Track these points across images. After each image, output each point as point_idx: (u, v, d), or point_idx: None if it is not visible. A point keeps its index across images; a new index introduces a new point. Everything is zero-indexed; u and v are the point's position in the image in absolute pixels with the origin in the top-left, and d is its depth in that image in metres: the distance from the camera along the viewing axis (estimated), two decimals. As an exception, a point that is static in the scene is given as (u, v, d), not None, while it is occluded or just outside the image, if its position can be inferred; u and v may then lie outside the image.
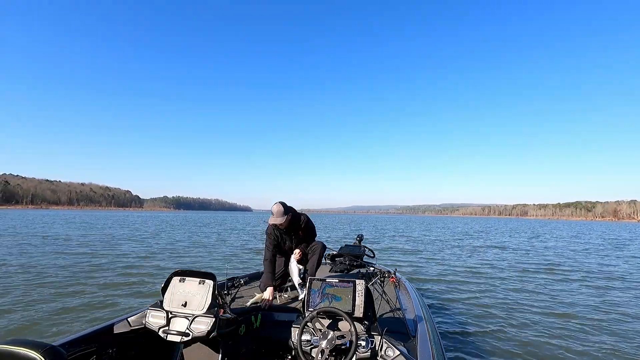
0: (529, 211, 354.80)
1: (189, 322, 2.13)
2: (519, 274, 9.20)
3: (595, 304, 6.14)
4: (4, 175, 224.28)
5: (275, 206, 3.36)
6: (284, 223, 3.38)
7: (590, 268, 10.60)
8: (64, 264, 8.77)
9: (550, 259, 12.45)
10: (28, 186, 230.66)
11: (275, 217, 3.34)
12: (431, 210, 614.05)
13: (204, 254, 11.72)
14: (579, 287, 7.60)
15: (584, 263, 11.76)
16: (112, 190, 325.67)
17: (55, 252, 11.13)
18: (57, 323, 4.48)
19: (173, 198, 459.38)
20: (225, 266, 3.50)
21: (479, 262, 11.22)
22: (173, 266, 8.82)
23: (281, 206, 3.34)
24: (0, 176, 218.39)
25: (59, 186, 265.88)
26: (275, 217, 3.34)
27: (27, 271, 7.71)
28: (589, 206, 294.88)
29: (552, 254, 14.14)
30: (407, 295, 3.46)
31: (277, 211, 3.33)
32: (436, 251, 14.22)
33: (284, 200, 3.43)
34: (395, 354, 1.94)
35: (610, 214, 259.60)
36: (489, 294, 6.73)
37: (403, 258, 11.93)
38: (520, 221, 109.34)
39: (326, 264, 4.87)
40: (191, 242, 15.93)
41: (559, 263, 11.48)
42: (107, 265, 8.87)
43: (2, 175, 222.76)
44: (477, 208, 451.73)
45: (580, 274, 9.46)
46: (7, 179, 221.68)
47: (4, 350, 1.29)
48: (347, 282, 2.29)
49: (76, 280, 6.94)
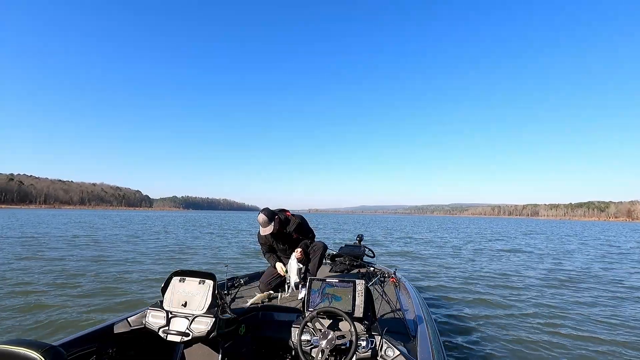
0: (540, 211, 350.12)
1: (189, 322, 2.13)
2: (528, 277, 9.03)
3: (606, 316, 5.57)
4: (18, 176, 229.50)
5: (260, 216, 3.38)
6: (274, 229, 3.42)
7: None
8: (68, 263, 8.90)
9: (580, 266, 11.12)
10: (41, 186, 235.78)
11: (262, 227, 3.41)
12: (440, 210, 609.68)
13: (204, 254, 11.73)
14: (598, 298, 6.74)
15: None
16: (123, 190, 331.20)
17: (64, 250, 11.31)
18: (57, 323, 4.48)
19: (182, 198, 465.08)
20: (226, 266, 3.47)
21: (486, 265, 11.06)
22: (173, 267, 8.85)
23: (264, 215, 3.36)
24: (15, 176, 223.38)
25: (71, 186, 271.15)
26: (263, 228, 3.41)
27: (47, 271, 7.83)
28: (602, 206, 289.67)
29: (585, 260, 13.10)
30: (407, 295, 3.45)
31: (263, 221, 3.37)
32: (449, 256, 13.86)
33: (279, 206, 3.54)
34: (395, 354, 1.92)
35: (624, 215, 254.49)
36: (490, 295, 6.64)
37: (416, 265, 11.77)
38: (533, 222, 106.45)
39: (326, 264, 4.88)
40: (192, 242, 15.95)
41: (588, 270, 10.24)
42: (107, 264, 8.93)
43: (17, 176, 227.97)
44: (487, 208, 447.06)
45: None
46: (21, 179, 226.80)
47: (4, 350, 1.29)
48: (347, 282, 2.28)
49: (76, 280, 6.98)
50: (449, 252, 14.38)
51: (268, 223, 3.36)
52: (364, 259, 4.96)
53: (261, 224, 3.38)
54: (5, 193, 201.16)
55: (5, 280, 6.75)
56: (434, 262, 11.15)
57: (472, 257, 12.75)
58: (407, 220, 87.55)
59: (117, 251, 11.70)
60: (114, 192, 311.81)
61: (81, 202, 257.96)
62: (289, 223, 3.59)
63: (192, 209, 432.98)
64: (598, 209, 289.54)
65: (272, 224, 3.38)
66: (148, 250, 12.36)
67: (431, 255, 13.12)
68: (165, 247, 13.55)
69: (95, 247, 12.57)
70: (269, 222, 3.36)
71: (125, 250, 12.10)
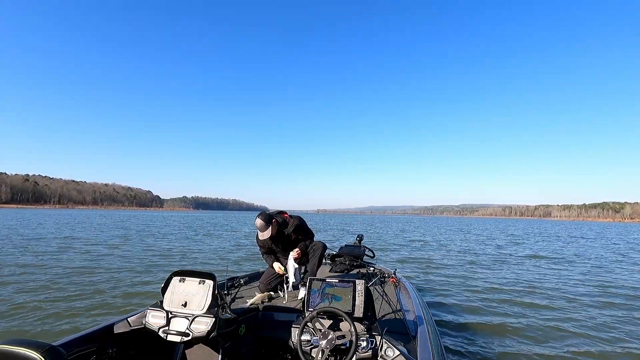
0: (553, 212, 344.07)
1: (189, 322, 2.13)
2: (533, 279, 8.86)
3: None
4: (33, 176, 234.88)
5: (257, 221, 3.37)
6: (272, 232, 3.42)
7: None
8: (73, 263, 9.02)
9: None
10: (55, 186, 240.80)
11: (260, 232, 3.41)
12: (449, 210, 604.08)
13: (204, 254, 11.77)
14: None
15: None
16: (134, 190, 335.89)
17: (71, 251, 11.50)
18: (57, 322, 4.47)
19: (192, 198, 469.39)
20: (226, 266, 3.48)
21: (493, 268, 10.88)
22: (173, 267, 8.88)
23: (261, 220, 3.35)
24: (30, 177, 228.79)
25: (84, 186, 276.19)
26: (261, 233, 3.41)
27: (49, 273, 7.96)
28: (617, 207, 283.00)
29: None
30: (407, 295, 3.44)
31: (260, 225, 3.36)
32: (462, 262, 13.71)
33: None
34: (395, 354, 1.93)
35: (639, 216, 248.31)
36: (491, 296, 6.56)
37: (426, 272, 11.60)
38: (550, 223, 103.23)
39: (326, 264, 4.88)
40: (193, 242, 15.91)
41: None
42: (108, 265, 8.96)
43: (32, 176, 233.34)
44: (498, 209, 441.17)
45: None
46: (36, 180, 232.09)
47: (4, 350, 1.29)
48: (347, 282, 2.28)
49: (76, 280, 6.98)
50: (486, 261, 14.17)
51: (266, 227, 3.36)
52: (364, 259, 4.96)
53: (259, 228, 3.38)
54: (21, 193, 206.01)
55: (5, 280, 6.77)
56: (439, 263, 11.01)
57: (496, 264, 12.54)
58: (418, 220, 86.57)
59: (117, 251, 11.84)
60: (125, 193, 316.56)
61: (94, 202, 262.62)
62: (287, 225, 3.59)
63: (202, 209, 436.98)
64: (613, 210, 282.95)
65: (270, 228, 3.38)
66: (149, 250, 12.45)
67: (457, 263, 12.17)
68: (167, 248, 13.58)
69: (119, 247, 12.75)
70: (267, 226, 3.37)
71: (126, 249, 12.23)
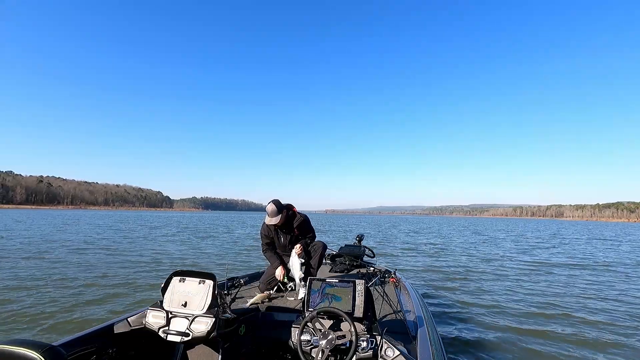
0: (565, 212, 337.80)
1: (189, 322, 2.12)
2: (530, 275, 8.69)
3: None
4: (47, 178, 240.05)
5: (269, 206, 3.40)
6: (280, 220, 3.42)
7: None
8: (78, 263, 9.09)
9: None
10: (68, 188, 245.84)
11: (269, 217, 3.40)
12: (459, 211, 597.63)
13: (204, 255, 11.80)
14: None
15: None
16: (145, 191, 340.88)
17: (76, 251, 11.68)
18: (56, 323, 4.48)
19: (201, 199, 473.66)
20: (226, 266, 3.46)
21: (487, 265, 10.70)
22: (173, 267, 8.91)
23: (274, 205, 3.38)
24: (44, 178, 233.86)
25: (96, 187, 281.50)
26: (270, 218, 3.40)
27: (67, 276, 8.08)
28: (632, 207, 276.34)
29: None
30: (407, 295, 3.43)
31: (272, 211, 3.37)
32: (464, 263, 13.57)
33: (283, 199, 3.49)
34: (395, 354, 1.91)
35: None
36: (491, 296, 6.49)
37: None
38: (565, 223, 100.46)
39: (326, 264, 4.88)
40: (194, 243, 15.94)
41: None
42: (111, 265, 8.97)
43: (46, 178, 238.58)
44: (508, 209, 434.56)
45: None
46: (50, 181, 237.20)
47: (4, 350, 1.29)
48: (347, 282, 2.27)
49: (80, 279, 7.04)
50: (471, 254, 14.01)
51: (276, 213, 3.37)
52: (363, 259, 4.94)
53: (269, 213, 3.38)
54: (35, 194, 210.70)
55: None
56: (441, 264, 10.88)
57: (473, 257, 12.37)
58: (429, 221, 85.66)
59: (117, 252, 11.97)
60: (136, 193, 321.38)
61: (105, 202, 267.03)
62: (294, 218, 3.62)
63: (211, 209, 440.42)
64: (628, 210, 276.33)
65: (280, 216, 3.39)
66: (151, 249, 12.57)
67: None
68: (168, 248, 13.63)
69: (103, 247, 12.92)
70: (277, 213, 3.38)
71: (125, 250, 12.36)
